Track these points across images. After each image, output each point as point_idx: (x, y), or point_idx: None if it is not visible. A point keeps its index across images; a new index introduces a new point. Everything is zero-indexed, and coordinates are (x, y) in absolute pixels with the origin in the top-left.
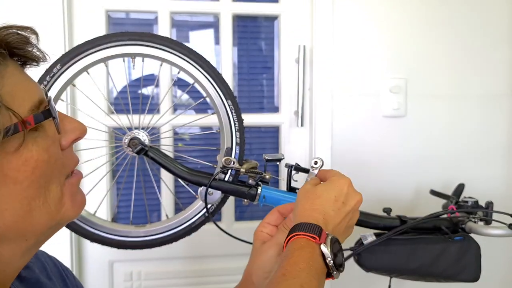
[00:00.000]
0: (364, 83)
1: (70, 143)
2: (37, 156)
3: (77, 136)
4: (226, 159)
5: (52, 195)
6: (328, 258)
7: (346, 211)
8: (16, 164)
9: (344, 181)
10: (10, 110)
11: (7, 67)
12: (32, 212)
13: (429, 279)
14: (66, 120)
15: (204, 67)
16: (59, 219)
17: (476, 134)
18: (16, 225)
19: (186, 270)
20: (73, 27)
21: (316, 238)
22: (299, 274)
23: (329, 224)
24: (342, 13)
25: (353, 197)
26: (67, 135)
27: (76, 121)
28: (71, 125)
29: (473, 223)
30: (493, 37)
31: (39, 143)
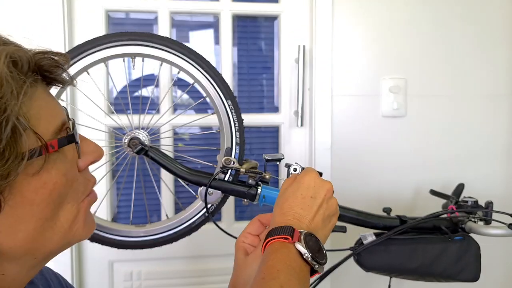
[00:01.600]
0: (364, 83)
1: (87, 165)
2: (56, 179)
3: (94, 159)
4: (226, 159)
5: (67, 215)
6: (305, 255)
7: (317, 204)
8: (34, 186)
9: (308, 176)
10: (36, 134)
11: (36, 90)
12: (44, 232)
13: (429, 279)
14: (85, 142)
15: (204, 67)
16: (70, 238)
17: (476, 134)
18: (27, 245)
19: (186, 270)
20: (73, 27)
21: (288, 238)
22: (277, 275)
23: (302, 222)
24: (342, 13)
25: (322, 188)
26: (84, 157)
27: (94, 144)
28: (89, 148)
29: (473, 223)
30: (493, 37)
31: (59, 166)
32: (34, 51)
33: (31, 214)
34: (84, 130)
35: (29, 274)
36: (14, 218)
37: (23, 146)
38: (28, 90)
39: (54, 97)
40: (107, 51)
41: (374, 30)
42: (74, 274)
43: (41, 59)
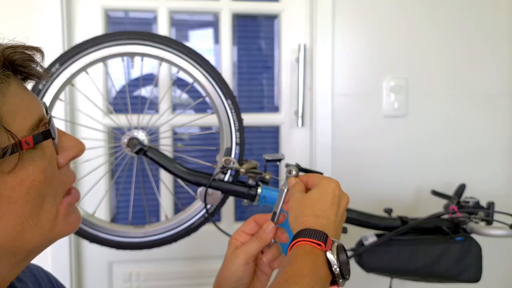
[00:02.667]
0: (365, 82)
1: (67, 161)
2: (33, 176)
3: (75, 154)
4: (226, 159)
5: (46, 215)
6: (334, 266)
7: (340, 213)
8: (11, 184)
9: (334, 184)
10: (8, 132)
11: (9, 86)
12: (24, 231)
13: (430, 279)
14: (65, 137)
15: (204, 67)
16: (51, 238)
17: (477, 134)
18: (6, 243)
19: (185, 271)
20: (72, 26)
21: (321, 245)
22: (301, 280)
23: (332, 229)
24: (342, 12)
25: (344, 198)
26: (65, 153)
27: (75, 139)
28: (69, 143)
29: (474, 224)
30: (494, 37)
31: (36, 163)
32: (3, 45)
33: (9, 212)
34: (83, 130)
35: (11, 272)
36: None
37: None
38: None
39: (31, 93)
40: (106, 50)
41: (375, 29)
42: (73, 275)
43: (12, 54)
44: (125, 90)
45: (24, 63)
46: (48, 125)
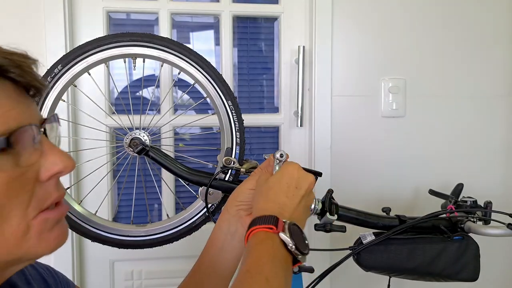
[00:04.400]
0: (363, 83)
1: (49, 176)
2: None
3: (59, 170)
4: (226, 159)
5: (13, 229)
6: (290, 245)
7: (300, 195)
8: None
9: (292, 167)
10: None
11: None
12: None
13: (428, 278)
14: (52, 151)
15: (205, 68)
16: (22, 254)
17: (475, 134)
18: None
19: (186, 269)
20: (74, 28)
21: (273, 228)
22: (262, 268)
23: (286, 211)
24: (341, 14)
25: (305, 180)
26: (47, 167)
27: (62, 155)
28: (53, 158)
29: (472, 223)
30: (492, 38)
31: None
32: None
33: None
34: (85, 130)
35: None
36: None
37: None
38: None
39: (18, 102)
40: (108, 51)
41: (374, 30)
42: (75, 273)
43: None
44: (127, 91)
45: (14, 69)
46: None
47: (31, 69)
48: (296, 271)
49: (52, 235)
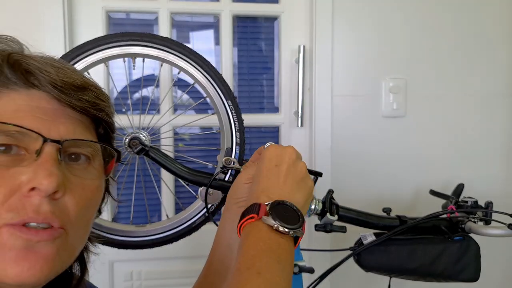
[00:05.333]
0: (364, 83)
1: (26, 189)
2: None
3: (35, 185)
4: (226, 159)
5: None
6: (275, 226)
7: (282, 171)
8: None
9: (268, 148)
10: None
11: (12, 92)
12: None
13: (429, 279)
14: (42, 165)
15: (204, 68)
16: None
17: (476, 134)
18: None
19: (186, 270)
20: (73, 28)
21: (254, 216)
22: (253, 263)
23: (272, 193)
24: (341, 13)
25: (283, 154)
26: (27, 177)
27: (47, 172)
28: (38, 171)
29: (472, 223)
30: (493, 37)
31: None
32: (11, 51)
33: None
34: None
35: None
36: None
37: None
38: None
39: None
40: (108, 51)
41: (374, 30)
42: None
43: (18, 60)
44: (127, 91)
45: (40, 73)
46: (21, 137)
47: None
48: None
49: (18, 257)
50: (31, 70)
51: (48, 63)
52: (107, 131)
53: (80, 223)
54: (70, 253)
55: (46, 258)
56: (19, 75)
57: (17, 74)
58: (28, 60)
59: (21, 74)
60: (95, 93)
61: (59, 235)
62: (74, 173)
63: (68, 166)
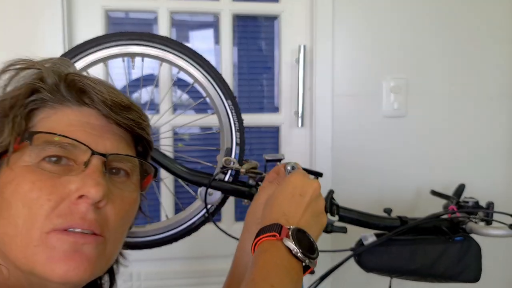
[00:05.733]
0: (365, 83)
1: (75, 196)
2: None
3: (83, 193)
4: (226, 159)
5: (31, 234)
6: (294, 250)
7: (305, 202)
8: (6, 178)
9: (295, 175)
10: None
11: (66, 109)
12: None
13: (430, 279)
14: (90, 176)
15: (204, 67)
16: (31, 267)
17: (477, 134)
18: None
19: (186, 271)
20: (72, 27)
21: (276, 235)
22: (268, 276)
23: (291, 219)
24: (342, 13)
25: (309, 186)
26: (76, 185)
27: (94, 182)
28: (86, 180)
29: (473, 224)
30: (494, 37)
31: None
32: (68, 72)
33: (1, 207)
34: None
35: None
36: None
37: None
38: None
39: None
40: (107, 51)
41: (375, 29)
42: None
43: (74, 80)
44: (126, 91)
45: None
46: (33, 138)
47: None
48: None
49: (65, 258)
50: (86, 89)
51: (101, 83)
52: (146, 148)
53: (117, 234)
54: (106, 261)
55: (90, 259)
56: (73, 94)
57: (72, 92)
58: (83, 80)
59: (76, 93)
60: (138, 113)
61: (101, 241)
62: (115, 185)
63: (109, 178)
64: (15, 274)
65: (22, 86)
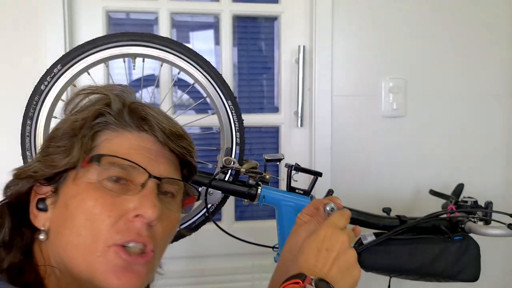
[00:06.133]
0: (364, 83)
1: (132, 215)
2: (84, 196)
3: (140, 213)
4: (226, 159)
5: (95, 245)
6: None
7: (332, 257)
8: (71, 192)
9: (325, 227)
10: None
11: (127, 133)
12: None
13: (429, 279)
14: (147, 197)
15: (204, 68)
16: (92, 274)
17: (476, 134)
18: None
19: (186, 270)
20: (73, 28)
21: (299, 282)
22: None
23: (318, 272)
24: (341, 13)
25: (337, 240)
26: (134, 205)
27: (152, 204)
28: (144, 202)
29: (472, 223)
30: (493, 37)
31: (98, 189)
32: (132, 101)
33: (65, 218)
34: None
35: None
36: (61, 216)
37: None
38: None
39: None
40: (108, 51)
41: (374, 30)
42: None
43: (137, 108)
44: None
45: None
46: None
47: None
48: None
49: (124, 274)
50: (147, 118)
51: (160, 113)
52: (191, 172)
53: (162, 249)
54: (152, 274)
55: (139, 276)
56: (135, 120)
57: (133, 119)
58: (146, 110)
59: (137, 120)
60: (188, 141)
61: (151, 259)
62: (164, 205)
63: (160, 198)
64: (66, 278)
65: (90, 110)
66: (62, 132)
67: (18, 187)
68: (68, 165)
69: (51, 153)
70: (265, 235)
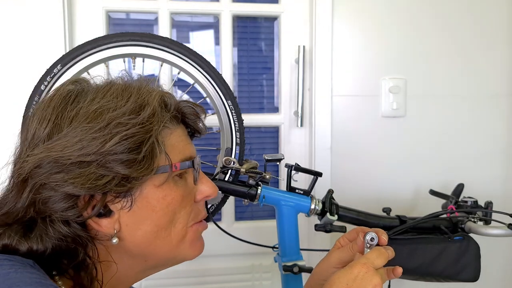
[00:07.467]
0: (364, 83)
1: (202, 198)
2: (174, 196)
3: (208, 194)
4: (226, 159)
5: (177, 231)
6: None
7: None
8: (158, 196)
9: (360, 265)
10: (167, 156)
11: (177, 128)
12: (157, 239)
13: (429, 279)
14: (204, 179)
15: (204, 68)
16: (177, 255)
17: (476, 134)
18: (142, 245)
19: (186, 270)
20: (73, 28)
21: None
22: None
23: None
24: (341, 13)
25: (369, 283)
26: (201, 191)
27: (211, 183)
28: (206, 185)
29: (472, 223)
30: (492, 37)
31: (179, 187)
32: (179, 100)
33: (151, 218)
34: None
35: (137, 276)
36: (139, 217)
37: (155, 161)
38: (170, 125)
39: (190, 141)
40: (108, 51)
41: (374, 30)
42: None
43: (184, 107)
44: None
45: (191, 116)
46: (193, 163)
47: (200, 118)
48: (296, 271)
49: (199, 243)
50: (183, 111)
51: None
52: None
53: None
54: None
55: (202, 239)
56: (179, 116)
57: (178, 115)
58: (188, 105)
59: (179, 115)
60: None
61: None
62: None
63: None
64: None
65: (154, 112)
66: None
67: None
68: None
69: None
70: (265, 235)
